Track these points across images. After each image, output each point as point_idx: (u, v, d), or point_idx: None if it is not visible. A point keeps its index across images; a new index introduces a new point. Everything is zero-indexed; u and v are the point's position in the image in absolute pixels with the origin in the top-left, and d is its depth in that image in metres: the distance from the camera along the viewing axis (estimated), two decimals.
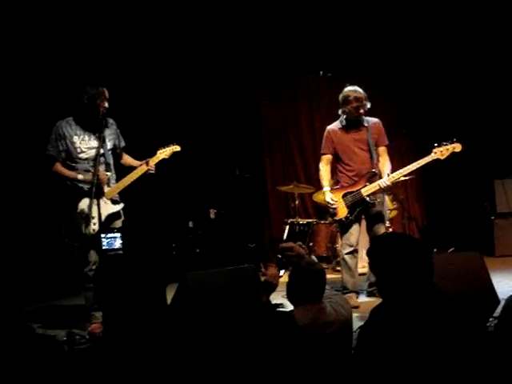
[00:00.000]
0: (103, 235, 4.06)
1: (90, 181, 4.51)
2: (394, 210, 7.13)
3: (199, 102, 7.86)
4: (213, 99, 7.95)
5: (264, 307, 2.89)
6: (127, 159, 5.00)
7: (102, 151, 4.63)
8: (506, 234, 7.58)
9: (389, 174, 5.07)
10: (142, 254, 4.19)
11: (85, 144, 4.65)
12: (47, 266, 6.25)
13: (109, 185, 4.69)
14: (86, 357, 1.93)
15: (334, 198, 5.21)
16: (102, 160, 4.67)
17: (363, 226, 5.39)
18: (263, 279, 3.16)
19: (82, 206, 4.54)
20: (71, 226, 4.53)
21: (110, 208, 4.65)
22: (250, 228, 7.80)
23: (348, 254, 5.25)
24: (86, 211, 4.50)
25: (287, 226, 7.42)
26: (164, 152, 4.85)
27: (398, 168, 5.15)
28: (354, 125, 5.26)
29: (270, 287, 3.07)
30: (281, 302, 4.63)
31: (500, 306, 3.89)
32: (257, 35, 7.57)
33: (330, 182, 5.40)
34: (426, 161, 5.03)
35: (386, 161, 5.24)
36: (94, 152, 4.62)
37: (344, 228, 5.28)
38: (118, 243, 4.07)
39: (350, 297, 4.99)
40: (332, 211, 5.26)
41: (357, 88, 5.22)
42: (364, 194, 5.12)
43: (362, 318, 4.17)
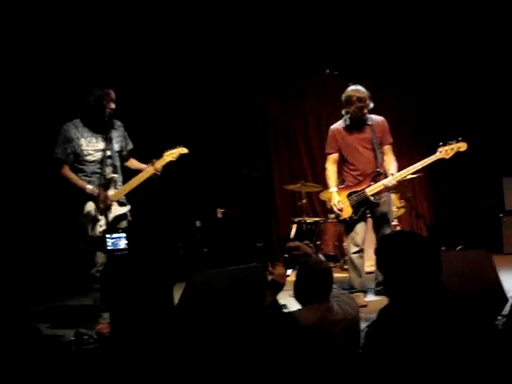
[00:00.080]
0: (108, 235, 4.06)
1: (95, 197, 4.51)
2: (402, 207, 7.11)
3: (206, 102, 7.87)
4: (220, 99, 7.97)
5: (269, 308, 2.88)
6: (133, 163, 4.98)
7: (108, 153, 4.63)
8: None
9: (393, 174, 5.05)
10: (149, 253, 4.19)
11: (92, 146, 4.64)
12: (56, 266, 6.27)
13: (115, 187, 4.70)
14: (94, 357, 1.94)
15: (340, 202, 5.18)
16: (109, 162, 4.67)
17: (370, 224, 5.38)
18: (270, 278, 3.15)
19: (89, 208, 4.55)
20: (78, 228, 4.54)
21: (116, 210, 4.65)
22: (257, 227, 7.80)
23: (354, 253, 5.23)
24: (93, 213, 4.50)
25: (294, 225, 7.41)
26: (171, 154, 4.83)
27: (404, 166, 5.13)
28: (358, 124, 5.21)
29: (277, 286, 3.06)
30: (283, 303, 4.61)
31: (508, 303, 3.88)
32: (263, 35, 7.57)
33: (337, 182, 5.38)
34: (431, 160, 5.01)
35: (391, 159, 5.20)
36: (101, 154, 4.62)
37: (349, 228, 5.26)
38: (122, 243, 4.07)
39: (357, 296, 4.97)
40: (337, 213, 5.24)
41: (359, 88, 5.15)
42: (368, 194, 5.10)
43: (369, 318, 4.15)
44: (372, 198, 5.11)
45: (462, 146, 4.96)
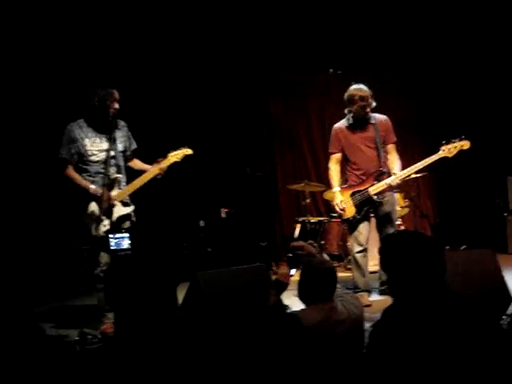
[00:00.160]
0: (111, 236, 4.06)
1: (98, 197, 4.52)
2: (406, 207, 7.10)
3: (210, 102, 7.87)
4: (223, 99, 7.96)
5: (272, 308, 2.88)
6: (137, 163, 4.98)
7: (112, 153, 4.64)
8: None
9: (395, 173, 5.03)
10: (152, 253, 4.19)
11: (96, 146, 4.64)
12: (60, 266, 6.28)
13: (119, 187, 4.70)
14: (98, 356, 1.94)
15: (343, 202, 5.18)
16: (113, 162, 4.67)
17: (373, 224, 5.37)
18: (274, 278, 3.15)
19: (92, 208, 4.55)
20: (81, 228, 4.55)
21: (120, 210, 4.65)
22: (261, 227, 7.80)
23: (358, 252, 5.22)
24: (97, 213, 4.51)
25: (298, 225, 7.40)
26: (176, 155, 4.83)
27: (406, 166, 5.12)
28: (361, 123, 5.20)
29: (281, 286, 3.07)
30: (287, 304, 4.60)
31: None
32: (266, 35, 7.56)
33: (340, 182, 5.38)
34: (434, 159, 4.99)
35: (395, 158, 5.18)
36: (105, 154, 4.62)
37: (352, 227, 5.25)
38: (126, 243, 4.06)
39: (361, 295, 4.96)
40: (340, 212, 5.24)
41: (362, 86, 5.14)
42: (371, 193, 5.09)
43: (373, 317, 4.14)
44: (375, 197, 5.10)
45: (465, 145, 4.94)
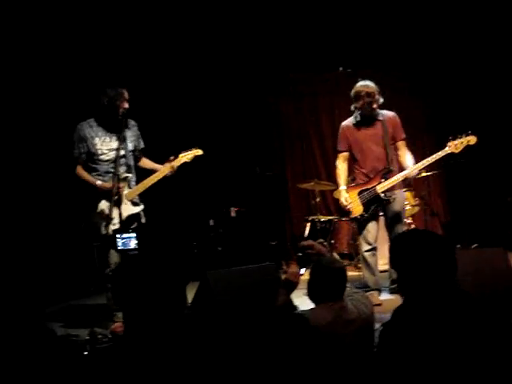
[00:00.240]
0: (118, 235, 4.05)
1: (107, 189, 4.52)
2: (416, 205, 7.06)
3: (220, 102, 7.87)
4: (233, 98, 7.96)
5: (282, 308, 2.87)
6: (146, 162, 4.99)
7: (123, 152, 4.65)
8: None
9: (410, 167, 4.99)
10: (162, 252, 4.19)
11: (106, 145, 4.66)
12: (70, 265, 6.30)
13: (129, 186, 4.71)
14: (107, 356, 1.94)
15: (348, 198, 5.17)
16: (123, 161, 4.68)
17: (382, 222, 5.35)
18: (284, 277, 3.15)
19: (102, 207, 4.56)
20: (91, 227, 4.56)
21: (129, 209, 4.66)
22: (271, 226, 7.80)
23: (367, 251, 5.20)
24: (106, 212, 4.52)
25: (308, 224, 7.39)
26: (186, 155, 4.84)
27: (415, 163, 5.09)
28: (369, 120, 5.17)
29: (291, 285, 3.06)
30: (295, 304, 4.59)
31: None
32: (276, 34, 7.54)
33: (347, 180, 5.35)
34: (440, 155, 4.97)
35: (406, 153, 5.13)
36: (114, 153, 4.63)
37: (361, 226, 5.24)
38: (133, 243, 4.05)
39: (371, 295, 4.93)
40: (346, 210, 5.22)
41: (368, 83, 5.11)
42: (379, 191, 5.07)
43: (383, 317, 4.12)
44: (382, 195, 5.07)
45: (472, 140, 4.91)
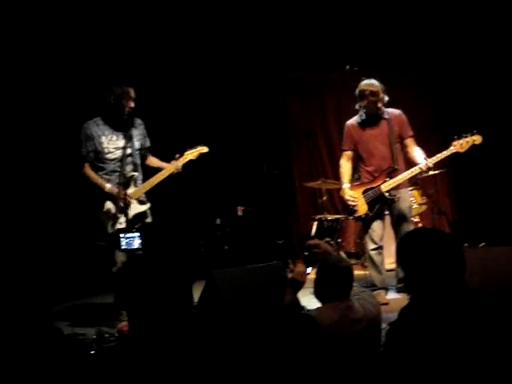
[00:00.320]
0: (122, 235, 4.03)
1: (115, 194, 4.52)
2: (424, 204, 7.04)
3: (226, 100, 7.87)
4: (239, 96, 7.95)
5: (288, 307, 2.86)
6: (153, 160, 4.99)
7: (129, 151, 4.65)
8: None
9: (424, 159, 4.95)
10: (168, 251, 4.18)
11: (112, 144, 4.67)
12: (77, 264, 6.31)
13: (136, 185, 4.71)
14: (114, 355, 1.94)
15: (353, 195, 5.15)
16: (130, 160, 4.69)
17: (389, 221, 5.32)
18: (290, 276, 3.14)
19: (109, 206, 4.57)
20: (97, 226, 4.56)
21: (136, 208, 4.67)
22: (277, 225, 7.79)
23: (372, 250, 5.17)
24: (113, 211, 4.52)
25: (315, 223, 7.37)
26: (191, 153, 4.84)
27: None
28: (374, 119, 5.15)
29: (298, 284, 3.05)
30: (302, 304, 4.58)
31: None
32: (282, 31, 7.53)
33: (351, 179, 5.33)
34: (445, 154, 4.93)
35: (416, 149, 5.07)
36: (121, 152, 4.64)
37: (366, 225, 5.22)
38: (137, 243, 4.03)
39: (378, 294, 4.91)
40: (351, 208, 5.20)
41: (373, 81, 5.09)
42: (383, 190, 5.05)
43: (390, 316, 4.11)
44: (387, 194, 5.04)
45: (477, 139, 4.88)
